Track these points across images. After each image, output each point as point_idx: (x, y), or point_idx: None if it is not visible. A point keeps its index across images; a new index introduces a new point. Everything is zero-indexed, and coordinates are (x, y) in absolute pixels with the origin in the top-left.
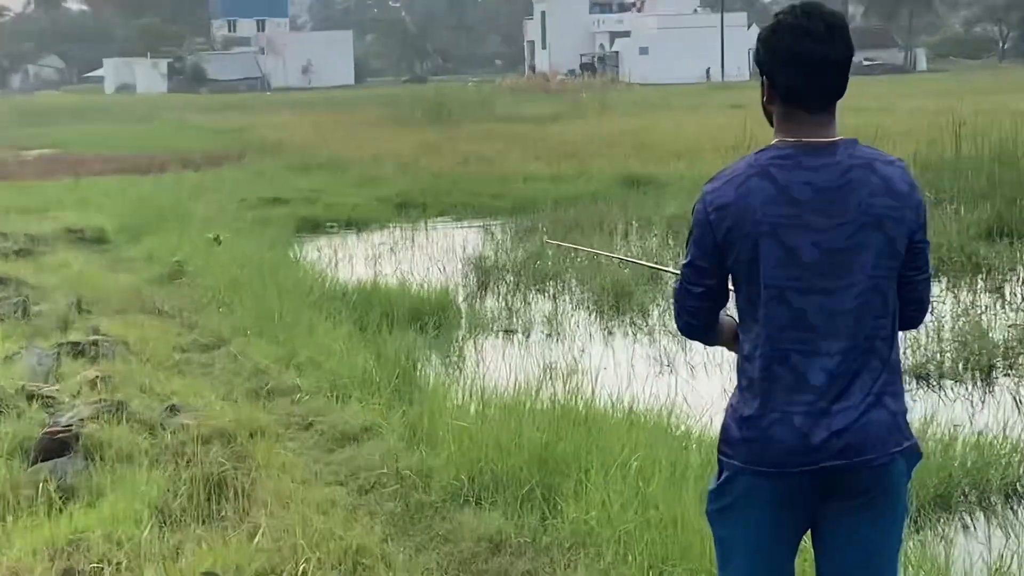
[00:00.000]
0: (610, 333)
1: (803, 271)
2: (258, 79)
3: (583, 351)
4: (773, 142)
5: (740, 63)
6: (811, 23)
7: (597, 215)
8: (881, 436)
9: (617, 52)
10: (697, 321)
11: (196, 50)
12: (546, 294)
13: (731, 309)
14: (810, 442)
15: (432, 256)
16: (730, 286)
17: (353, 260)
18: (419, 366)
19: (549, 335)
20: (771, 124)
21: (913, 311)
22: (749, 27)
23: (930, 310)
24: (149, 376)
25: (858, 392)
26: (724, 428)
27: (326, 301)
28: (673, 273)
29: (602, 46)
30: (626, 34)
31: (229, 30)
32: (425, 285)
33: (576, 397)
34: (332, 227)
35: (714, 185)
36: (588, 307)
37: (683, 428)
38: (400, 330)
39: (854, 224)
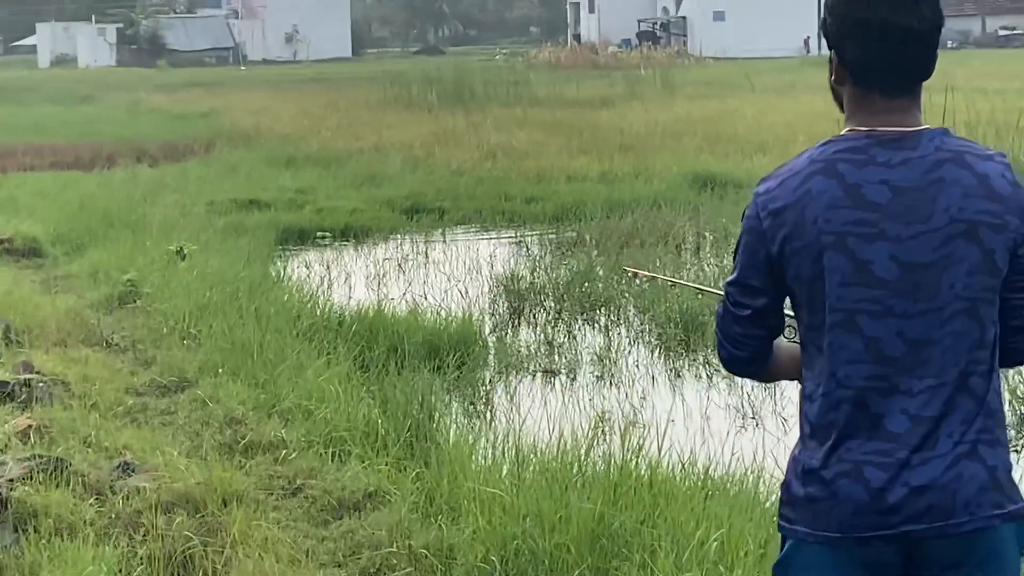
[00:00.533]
0: (678, 375)
1: (878, 290)
2: (230, 49)
3: (644, 398)
4: (843, 132)
5: None
6: None
7: (661, 225)
8: (974, 495)
9: (684, 17)
10: (743, 352)
11: (152, 13)
12: (596, 325)
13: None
14: (886, 501)
15: (451, 275)
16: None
17: (352, 280)
18: (436, 416)
19: (600, 377)
20: (841, 110)
21: (1016, 342)
22: None
23: None
24: (95, 426)
25: (946, 439)
26: (785, 487)
27: (318, 332)
28: (788, 316)
29: (665, 9)
30: None
31: None
32: (443, 312)
33: (637, 457)
34: (324, 238)
35: (768, 185)
36: (650, 342)
37: (775, 497)
38: (412, 370)
39: (942, 233)
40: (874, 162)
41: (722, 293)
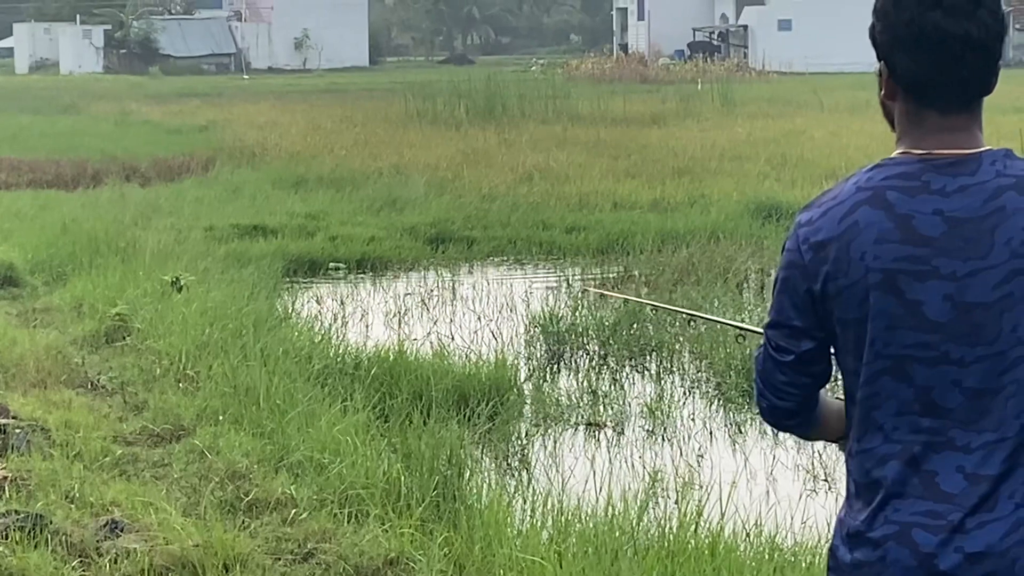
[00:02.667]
0: (740, 431)
1: (931, 335)
2: (232, 56)
3: (702, 456)
4: (893, 154)
5: None
6: None
7: (720, 260)
8: None
9: (746, 26)
10: (787, 403)
11: (144, 14)
12: (646, 372)
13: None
14: (936, 567)
15: (482, 314)
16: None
17: (369, 318)
18: (466, 473)
19: (652, 432)
20: (892, 129)
21: None
22: None
23: None
24: (79, 479)
25: (1006, 501)
26: (831, 553)
27: (331, 376)
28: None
29: (724, 17)
30: (760, 0)
31: None
32: (473, 356)
33: (695, 523)
34: (338, 269)
35: (811, 214)
36: (707, 392)
37: None
38: (438, 420)
39: (1003, 269)
40: (927, 190)
41: (715, 320)
